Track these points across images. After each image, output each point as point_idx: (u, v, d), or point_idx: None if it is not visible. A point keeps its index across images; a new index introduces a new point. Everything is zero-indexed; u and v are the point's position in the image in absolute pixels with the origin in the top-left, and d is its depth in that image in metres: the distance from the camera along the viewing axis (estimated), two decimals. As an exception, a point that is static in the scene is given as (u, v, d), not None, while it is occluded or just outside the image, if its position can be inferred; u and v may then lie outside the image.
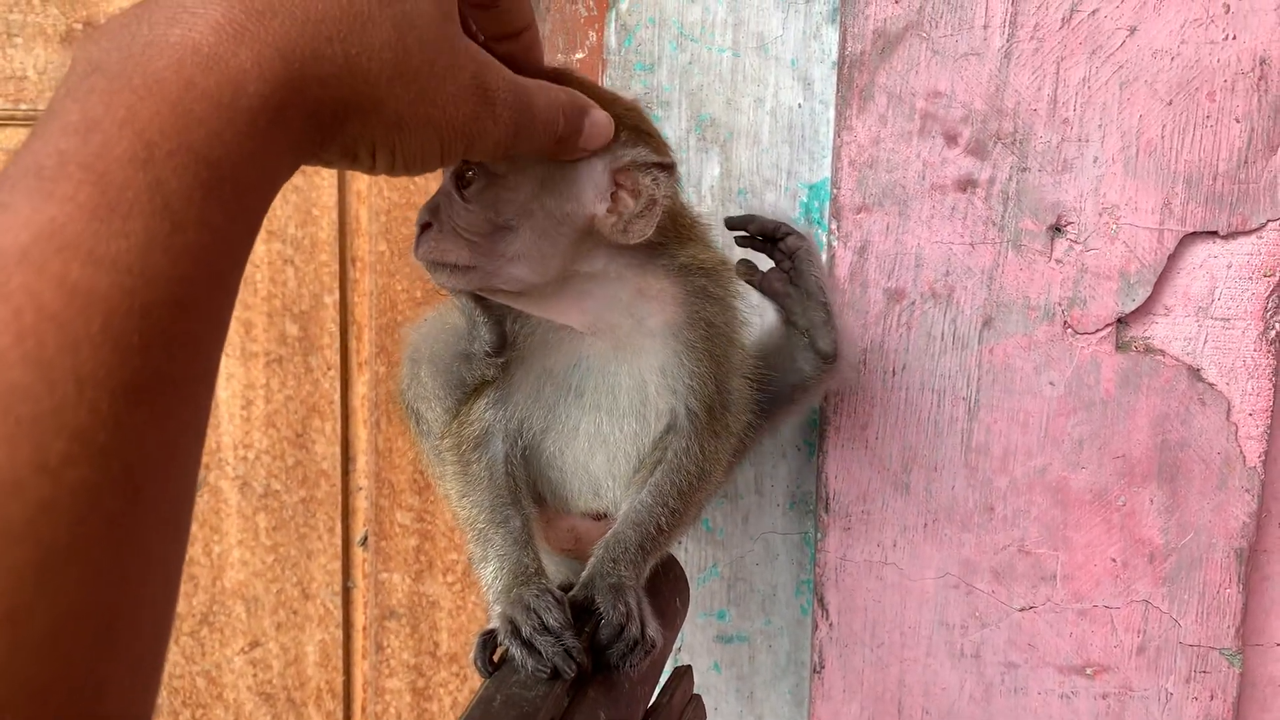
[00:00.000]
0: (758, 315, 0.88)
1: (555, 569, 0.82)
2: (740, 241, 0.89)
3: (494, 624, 0.69)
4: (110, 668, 0.38)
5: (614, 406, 0.76)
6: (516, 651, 0.65)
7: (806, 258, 0.87)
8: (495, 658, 0.69)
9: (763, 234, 0.88)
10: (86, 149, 0.39)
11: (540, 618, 0.66)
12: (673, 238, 0.74)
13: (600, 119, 0.65)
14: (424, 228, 0.69)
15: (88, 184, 0.39)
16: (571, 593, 0.71)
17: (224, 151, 0.42)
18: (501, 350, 0.74)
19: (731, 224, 0.89)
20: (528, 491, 0.78)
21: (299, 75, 0.46)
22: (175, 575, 0.43)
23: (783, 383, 0.87)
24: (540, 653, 0.64)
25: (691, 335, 0.75)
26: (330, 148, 0.51)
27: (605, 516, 0.81)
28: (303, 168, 1.25)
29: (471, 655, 0.70)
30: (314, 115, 0.48)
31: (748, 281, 0.87)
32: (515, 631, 0.66)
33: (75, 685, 0.36)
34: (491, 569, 0.73)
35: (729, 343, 0.77)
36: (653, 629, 0.70)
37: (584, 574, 0.73)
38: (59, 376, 0.36)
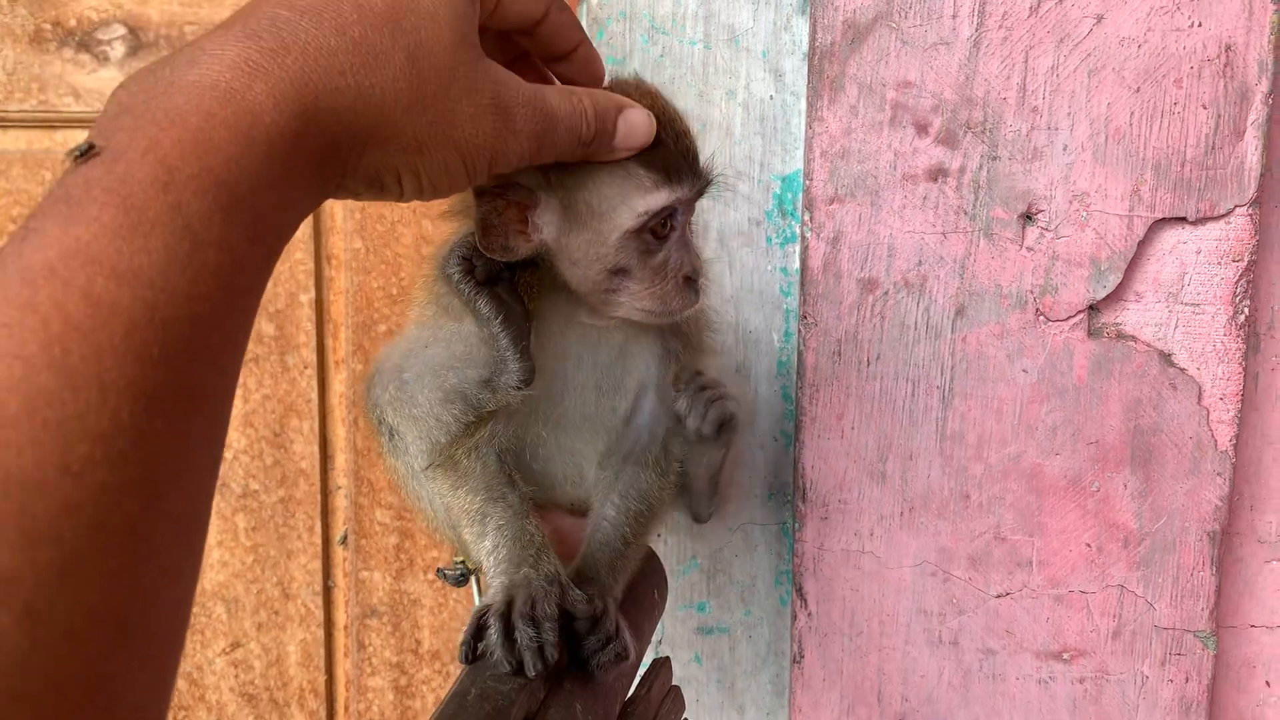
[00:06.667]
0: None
1: None
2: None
3: (492, 596, 0.69)
4: (126, 667, 0.39)
5: (599, 393, 0.79)
6: (495, 632, 0.65)
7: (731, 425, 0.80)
8: (480, 649, 0.68)
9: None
10: (111, 175, 0.42)
11: (533, 607, 0.66)
12: None
13: (636, 118, 0.66)
14: (688, 280, 0.72)
15: (111, 205, 0.41)
16: None
17: (242, 176, 0.45)
18: (531, 381, 0.72)
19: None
20: (520, 479, 0.79)
21: (313, 107, 0.48)
22: (191, 581, 0.45)
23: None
24: (514, 642, 0.64)
25: (673, 342, 0.80)
26: (354, 176, 0.53)
27: (586, 511, 0.82)
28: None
29: (463, 635, 0.68)
30: (332, 145, 0.50)
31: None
32: (505, 611, 0.66)
33: (92, 682, 0.38)
34: (490, 541, 0.72)
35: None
36: (627, 637, 0.70)
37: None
38: (83, 383, 0.38)
